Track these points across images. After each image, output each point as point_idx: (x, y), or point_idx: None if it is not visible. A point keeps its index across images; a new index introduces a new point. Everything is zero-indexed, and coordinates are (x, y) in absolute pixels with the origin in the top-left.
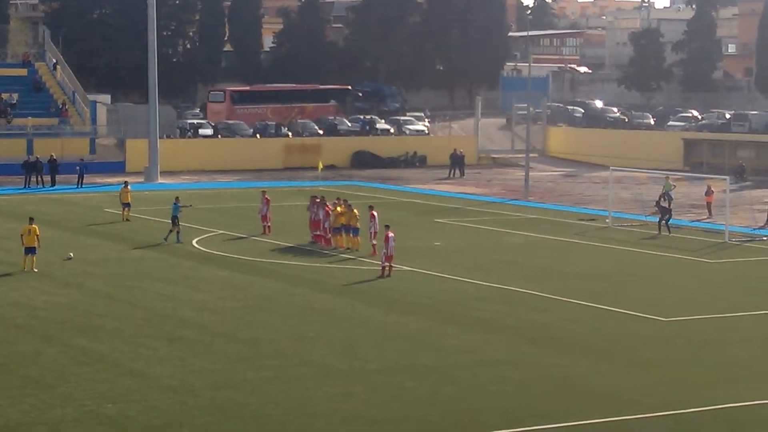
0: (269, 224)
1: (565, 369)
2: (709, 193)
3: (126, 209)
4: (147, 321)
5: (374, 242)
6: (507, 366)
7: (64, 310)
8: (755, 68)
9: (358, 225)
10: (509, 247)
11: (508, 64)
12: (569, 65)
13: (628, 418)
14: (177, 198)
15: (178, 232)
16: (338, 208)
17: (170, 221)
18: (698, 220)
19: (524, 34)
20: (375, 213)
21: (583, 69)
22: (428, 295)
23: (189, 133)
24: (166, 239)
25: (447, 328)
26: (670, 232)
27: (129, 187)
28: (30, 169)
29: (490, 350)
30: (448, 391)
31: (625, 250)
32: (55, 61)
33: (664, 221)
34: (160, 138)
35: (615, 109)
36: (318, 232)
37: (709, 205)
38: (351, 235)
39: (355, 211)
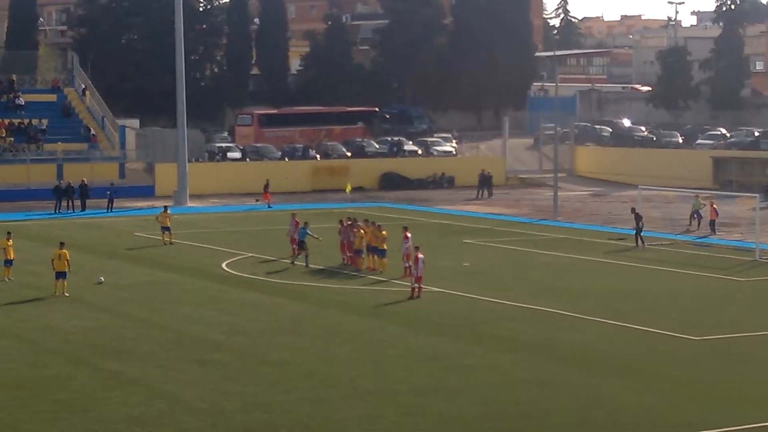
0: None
1: (594, 388)
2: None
3: (166, 233)
4: (177, 344)
5: (407, 264)
6: (536, 386)
7: (95, 334)
8: None
9: (385, 246)
10: (538, 268)
11: (535, 84)
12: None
13: None
14: (306, 223)
15: (306, 256)
16: (361, 230)
17: (297, 245)
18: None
19: (551, 53)
20: (409, 234)
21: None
22: (457, 315)
23: (217, 156)
24: (293, 263)
25: (476, 348)
26: (644, 244)
27: (169, 211)
28: (60, 194)
29: (519, 370)
30: (478, 412)
31: (655, 269)
32: (84, 86)
33: (637, 230)
34: (188, 162)
35: (643, 128)
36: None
37: (713, 222)
38: (377, 256)
39: (384, 232)
